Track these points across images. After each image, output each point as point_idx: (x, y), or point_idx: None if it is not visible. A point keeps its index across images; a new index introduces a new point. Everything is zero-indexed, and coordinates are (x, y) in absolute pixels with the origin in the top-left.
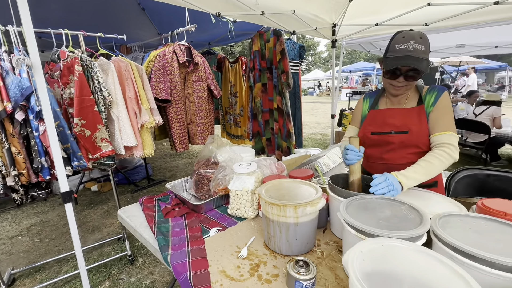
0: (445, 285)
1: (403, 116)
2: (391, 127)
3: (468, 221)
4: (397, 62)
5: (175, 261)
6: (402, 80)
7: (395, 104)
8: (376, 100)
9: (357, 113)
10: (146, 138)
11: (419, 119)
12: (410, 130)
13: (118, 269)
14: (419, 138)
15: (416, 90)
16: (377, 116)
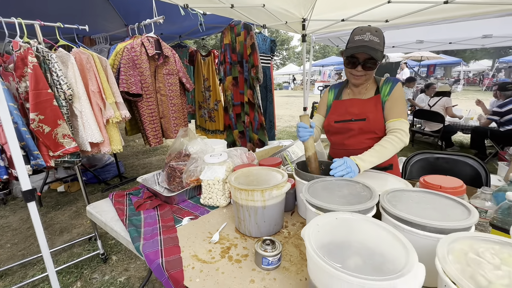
0: (386, 247)
1: (362, 105)
2: (352, 115)
3: (410, 194)
4: (354, 49)
5: (147, 250)
6: (360, 69)
7: (356, 94)
8: (340, 91)
9: (322, 103)
10: (114, 133)
11: (376, 108)
12: (367, 118)
13: (90, 269)
14: (376, 125)
15: (374, 82)
16: (340, 106)
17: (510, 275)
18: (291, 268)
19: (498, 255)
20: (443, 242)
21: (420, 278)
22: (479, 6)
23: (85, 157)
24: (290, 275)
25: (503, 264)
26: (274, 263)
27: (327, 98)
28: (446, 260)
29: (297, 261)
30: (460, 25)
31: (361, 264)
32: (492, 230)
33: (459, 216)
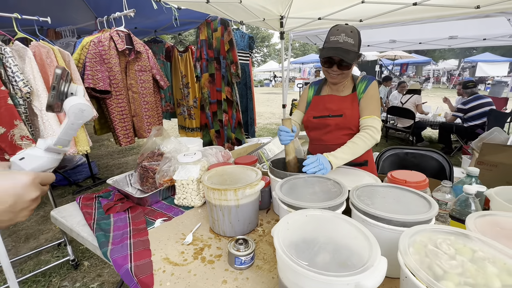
0: (351, 241)
1: (339, 102)
2: (329, 111)
3: (378, 190)
4: (328, 52)
5: (115, 255)
6: (336, 69)
7: (334, 91)
8: (320, 88)
9: (303, 99)
10: (79, 133)
11: (352, 105)
12: (344, 114)
13: (59, 276)
14: (352, 121)
15: (352, 80)
16: (319, 102)
17: (463, 264)
18: (264, 266)
19: (454, 246)
20: (404, 235)
21: (382, 271)
22: (445, 8)
23: None
24: (263, 274)
25: (457, 254)
26: (247, 262)
27: (307, 94)
28: (407, 252)
29: (271, 259)
30: (429, 26)
31: (328, 260)
32: (451, 221)
33: (421, 209)
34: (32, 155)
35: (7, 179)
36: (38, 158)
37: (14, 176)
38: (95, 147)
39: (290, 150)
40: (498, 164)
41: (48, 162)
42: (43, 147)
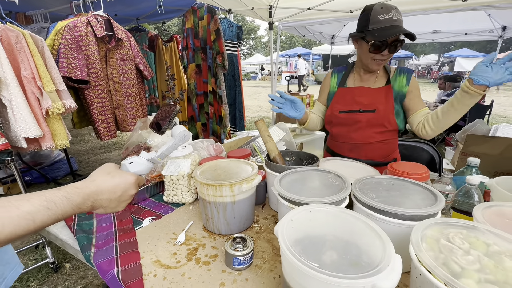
0: (361, 238)
1: (371, 95)
2: (360, 105)
3: (380, 182)
4: (387, 32)
5: (99, 259)
6: (386, 53)
7: (364, 82)
8: (345, 77)
9: (324, 89)
10: (57, 126)
11: (386, 99)
12: (377, 109)
13: (38, 281)
14: (385, 117)
15: (384, 70)
16: (346, 94)
17: (480, 260)
18: (264, 265)
19: (467, 240)
20: (416, 230)
21: (398, 270)
22: (433, 1)
23: (28, 153)
24: (263, 273)
25: (472, 248)
26: (245, 262)
27: (329, 83)
28: (421, 248)
29: (270, 257)
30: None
31: (336, 259)
32: (454, 213)
33: (427, 202)
34: (138, 162)
35: (122, 177)
36: (141, 165)
37: (126, 176)
38: (75, 142)
39: (273, 147)
40: (481, 155)
41: (146, 169)
42: (148, 158)
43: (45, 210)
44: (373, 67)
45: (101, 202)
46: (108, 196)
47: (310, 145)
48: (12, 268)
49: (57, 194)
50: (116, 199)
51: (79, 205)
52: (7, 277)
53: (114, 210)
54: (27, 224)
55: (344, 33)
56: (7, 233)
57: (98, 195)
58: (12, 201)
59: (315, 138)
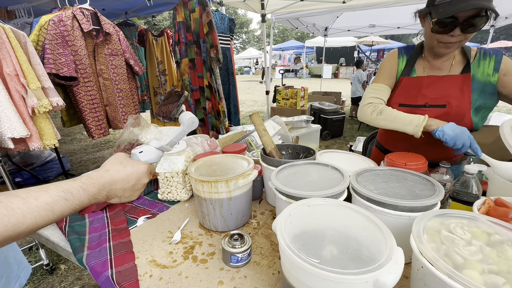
0: (361, 232)
1: (443, 85)
2: (426, 99)
3: (379, 173)
4: (457, 6)
5: (92, 261)
6: (458, 32)
7: (434, 69)
8: (411, 63)
9: (390, 68)
10: (44, 125)
11: (462, 91)
12: (448, 104)
13: (32, 283)
14: (458, 114)
15: (462, 53)
16: (412, 85)
17: (482, 250)
18: (263, 262)
19: (468, 230)
20: (417, 222)
21: (400, 264)
22: None
23: (18, 154)
24: (262, 270)
25: (473, 238)
26: (244, 259)
27: (396, 64)
28: (422, 240)
29: (268, 253)
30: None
31: (337, 254)
32: (452, 202)
33: (426, 193)
34: (148, 150)
35: (133, 166)
36: (151, 153)
37: (138, 165)
38: (66, 141)
39: (268, 141)
40: None
41: (156, 157)
42: (157, 146)
43: (63, 200)
44: (439, 51)
45: (116, 191)
46: (122, 185)
47: (306, 138)
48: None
49: (73, 185)
50: (130, 188)
51: (95, 195)
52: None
53: (128, 199)
54: (47, 214)
55: (337, 25)
56: (28, 224)
57: (112, 185)
58: (31, 193)
59: (311, 131)
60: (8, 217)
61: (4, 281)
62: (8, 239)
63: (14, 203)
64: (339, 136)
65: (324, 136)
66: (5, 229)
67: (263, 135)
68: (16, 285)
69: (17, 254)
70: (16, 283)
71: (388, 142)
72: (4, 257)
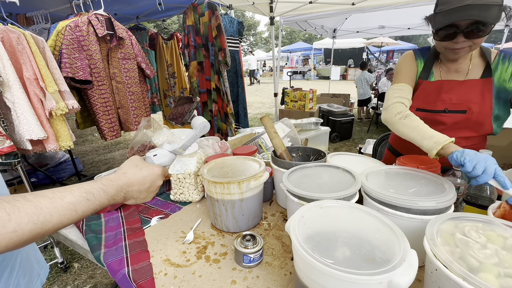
0: (374, 234)
1: (463, 90)
2: (445, 104)
3: (390, 175)
4: (450, 16)
5: (109, 259)
6: (462, 39)
7: (452, 73)
8: (429, 65)
9: (410, 69)
10: (60, 127)
11: (483, 96)
12: (469, 110)
13: (48, 281)
14: (479, 120)
15: (481, 55)
16: (431, 90)
17: (498, 254)
18: (274, 262)
19: (483, 233)
20: (431, 224)
21: (414, 265)
22: None
23: (33, 155)
24: (274, 270)
25: (489, 242)
26: (256, 259)
27: (415, 66)
28: (436, 243)
29: (280, 254)
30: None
31: (349, 255)
32: (466, 206)
33: (438, 195)
34: (162, 154)
35: (149, 169)
36: (165, 156)
37: (153, 168)
38: (79, 143)
39: (279, 143)
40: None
41: (169, 160)
42: (170, 149)
43: (85, 201)
44: (449, 56)
45: (132, 193)
46: (138, 187)
47: (315, 141)
48: (43, 266)
49: (94, 186)
50: (145, 190)
51: (114, 196)
52: (40, 274)
53: (143, 200)
54: (71, 214)
55: (346, 26)
56: (54, 223)
57: (129, 186)
58: (57, 193)
59: (320, 134)
60: (37, 215)
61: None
62: (37, 236)
63: (42, 202)
64: (348, 139)
65: (332, 138)
66: (35, 227)
67: (273, 138)
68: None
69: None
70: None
71: (402, 146)
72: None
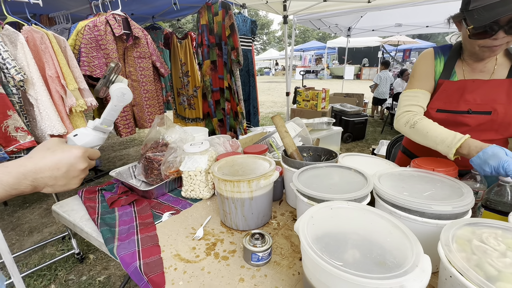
0: (386, 237)
1: (488, 90)
2: (469, 104)
3: (403, 178)
4: (493, 12)
5: (122, 252)
6: (502, 35)
7: (477, 73)
8: (452, 64)
9: (426, 70)
10: (79, 123)
11: (509, 97)
12: (494, 111)
13: (65, 270)
14: (505, 121)
15: (506, 54)
16: (453, 90)
17: None
18: (283, 262)
19: (503, 241)
20: (446, 229)
21: (427, 271)
22: None
23: None
24: (282, 270)
25: (509, 250)
26: (264, 258)
27: (433, 66)
28: (451, 249)
29: (289, 254)
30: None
31: (359, 258)
32: (485, 211)
33: (455, 199)
34: (83, 133)
35: (64, 151)
36: (87, 135)
37: (70, 149)
38: None
39: (290, 143)
40: None
41: (95, 139)
42: (92, 126)
43: None
44: (483, 55)
45: (44, 180)
46: (50, 173)
47: (327, 141)
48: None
49: None
50: (63, 176)
51: (13, 185)
52: None
53: (65, 188)
54: None
55: (361, 24)
56: None
57: (37, 173)
58: None
59: (332, 134)
60: None
61: None
62: None
63: None
64: (361, 139)
65: (345, 138)
66: None
67: (284, 137)
68: None
69: None
70: None
71: (417, 148)
72: None
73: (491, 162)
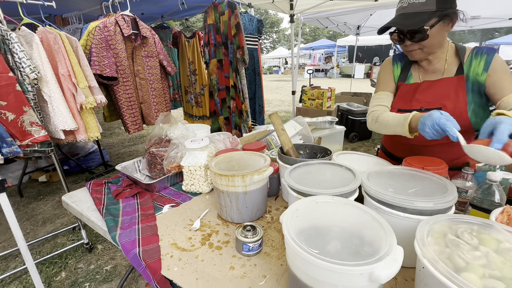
0: (366, 230)
1: (437, 89)
2: (421, 103)
3: (393, 175)
4: (389, 22)
5: (123, 240)
6: (408, 42)
7: (428, 73)
8: (406, 68)
9: (387, 76)
10: (90, 120)
11: (456, 93)
12: (444, 106)
13: (75, 259)
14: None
15: (455, 54)
16: (407, 91)
17: (487, 256)
18: (273, 253)
19: (478, 236)
20: (423, 224)
21: (397, 261)
22: None
23: (66, 145)
24: (271, 260)
25: (481, 244)
26: (254, 249)
27: (391, 71)
28: (424, 242)
29: (279, 246)
30: None
31: (340, 249)
32: (472, 210)
33: (439, 196)
34: None
35: None
36: None
37: None
38: (106, 135)
39: (286, 140)
40: None
41: None
42: None
43: None
44: (411, 58)
45: None
46: None
47: (330, 140)
48: None
49: None
50: None
51: None
52: None
53: None
54: None
55: (371, 23)
56: None
57: None
58: None
59: (335, 133)
60: None
61: None
62: None
63: None
64: (367, 139)
65: (351, 138)
66: None
67: (281, 135)
68: None
69: None
70: None
71: (389, 145)
72: None
73: (427, 122)
